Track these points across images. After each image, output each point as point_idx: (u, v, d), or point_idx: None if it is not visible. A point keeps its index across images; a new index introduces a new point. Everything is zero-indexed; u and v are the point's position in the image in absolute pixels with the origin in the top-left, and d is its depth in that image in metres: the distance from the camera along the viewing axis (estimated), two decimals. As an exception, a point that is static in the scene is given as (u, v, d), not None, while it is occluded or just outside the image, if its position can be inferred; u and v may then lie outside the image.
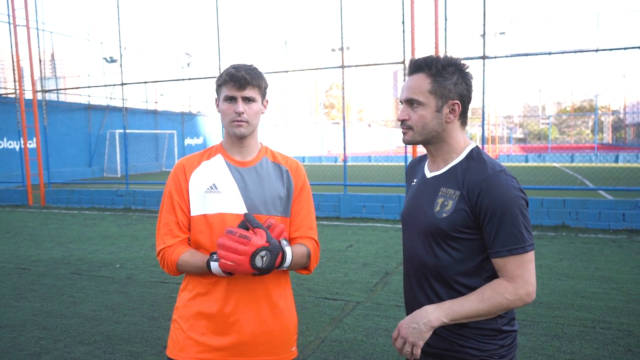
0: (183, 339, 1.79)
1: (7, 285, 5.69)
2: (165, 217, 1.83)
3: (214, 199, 1.78)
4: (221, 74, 1.81)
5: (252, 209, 1.78)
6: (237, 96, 1.76)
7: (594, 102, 37.61)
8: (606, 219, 8.59)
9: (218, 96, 1.84)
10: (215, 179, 1.81)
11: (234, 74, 1.75)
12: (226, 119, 1.78)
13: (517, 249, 1.47)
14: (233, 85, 1.76)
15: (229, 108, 1.77)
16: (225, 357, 1.77)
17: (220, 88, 1.81)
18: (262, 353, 1.80)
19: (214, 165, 1.84)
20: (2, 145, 19.25)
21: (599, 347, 3.79)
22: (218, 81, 1.81)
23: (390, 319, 4.43)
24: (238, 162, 1.84)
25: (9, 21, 13.32)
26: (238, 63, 1.82)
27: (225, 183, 1.80)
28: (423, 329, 1.48)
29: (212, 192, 1.79)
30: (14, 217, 11.31)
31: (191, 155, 1.90)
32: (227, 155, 1.86)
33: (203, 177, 1.81)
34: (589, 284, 5.35)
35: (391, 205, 10.02)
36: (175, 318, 1.85)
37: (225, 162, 1.84)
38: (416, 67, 1.60)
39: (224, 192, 1.78)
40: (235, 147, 1.85)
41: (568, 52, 9.56)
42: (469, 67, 1.61)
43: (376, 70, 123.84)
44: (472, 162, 1.58)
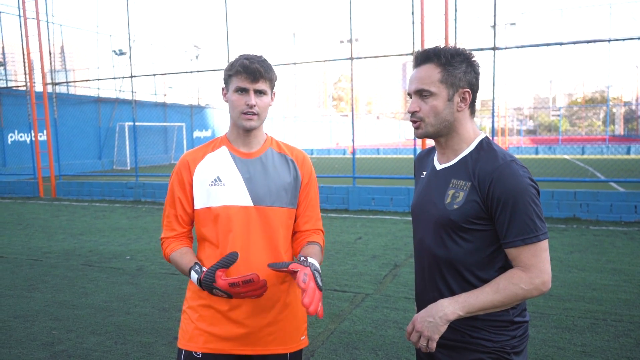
0: (192, 329, 1.79)
1: (19, 277, 5.76)
2: (167, 209, 1.87)
3: (218, 192, 1.77)
4: (232, 63, 1.76)
5: (257, 201, 1.77)
6: (249, 88, 1.73)
7: (606, 93, 37.21)
8: (618, 211, 8.51)
9: (227, 86, 1.80)
10: (219, 171, 1.79)
11: (247, 66, 1.72)
12: (236, 111, 1.75)
13: (531, 238, 1.46)
14: (246, 77, 1.72)
15: (239, 99, 1.74)
16: (235, 347, 1.78)
17: (230, 78, 1.77)
18: (271, 343, 1.80)
19: (218, 157, 1.82)
20: (14, 138, 19.42)
21: (610, 339, 3.76)
22: (229, 71, 1.76)
23: (400, 311, 4.43)
24: (243, 154, 1.82)
25: (19, 14, 13.38)
26: (248, 54, 1.79)
27: (229, 175, 1.78)
28: (439, 323, 1.48)
29: (216, 184, 1.77)
30: (25, 209, 11.43)
31: (196, 149, 1.88)
32: (232, 146, 1.84)
33: (207, 170, 1.80)
34: (600, 276, 5.31)
35: (400, 198, 10.00)
36: (185, 309, 1.86)
37: (230, 153, 1.82)
38: (424, 57, 1.58)
39: (228, 184, 1.77)
40: (240, 138, 1.83)
41: (580, 43, 9.44)
42: (476, 57, 1.60)
43: (385, 62, 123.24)
44: (482, 152, 1.56)
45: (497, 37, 9.43)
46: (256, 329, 1.78)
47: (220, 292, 1.59)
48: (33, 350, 3.76)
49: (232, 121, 1.82)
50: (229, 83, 1.78)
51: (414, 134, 1.65)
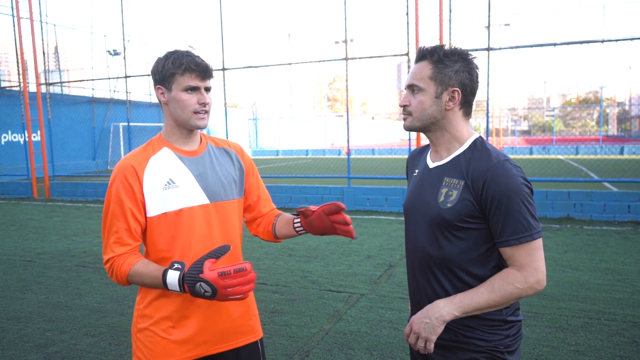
0: (164, 344, 1.71)
1: (13, 278, 5.72)
2: (113, 224, 1.68)
3: (173, 195, 1.69)
4: (176, 61, 1.66)
5: (213, 197, 1.76)
6: (200, 86, 1.68)
7: (599, 93, 37.40)
8: (611, 211, 8.56)
9: (167, 84, 1.69)
10: (170, 173, 1.71)
11: (199, 63, 1.67)
12: (187, 110, 1.68)
13: (525, 237, 1.47)
14: (197, 75, 1.67)
15: (190, 99, 1.67)
16: (210, 347, 1.76)
17: (174, 76, 1.67)
18: (243, 334, 1.83)
19: (163, 159, 1.73)
20: (7, 139, 19.30)
21: (603, 338, 3.78)
22: (174, 69, 1.66)
23: (394, 311, 4.44)
24: (187, 153, 1.77)
25: (12, 14, 13.31)
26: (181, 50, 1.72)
27: (181, 176, 1.72)
28: (435, 324, 1.49)
29: (170, 187, 1.69)
30: (19, 209, 11.36)
31: (134, 154, 1.74)
32: (174, 147, 1.76)
33: (156, 173, 1.70)
34: (593, 275, 5.34)
35: (395, 198, 10.01)
36: (146, 327, 1.73)
37: (175, 154, 1.75)
38: (421, 55, 1.62)
39: (182, 185, 1.71)
40: (182, 138, 1.76)
41: (573, 43, 9.48)
42: (475, 58, 1.61)
43: (380, 62, 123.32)
44: (475, 152, 1.57)
45: (492, 38, 9.46)
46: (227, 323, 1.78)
47: (204, 286, 1.48)
48: (27, 352, 3.74)
49: (173, 121, 1.74)
50: (171, 81, 1.68)
51: (403, 125, 1.68)
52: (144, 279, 1.63)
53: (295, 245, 7.05)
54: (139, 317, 1.76)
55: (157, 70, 1.71)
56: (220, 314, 1.76)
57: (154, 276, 1.61)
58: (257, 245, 7.16)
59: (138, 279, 1.64)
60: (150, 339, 1.73)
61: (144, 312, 1.74)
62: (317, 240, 7.36)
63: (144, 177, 1.69)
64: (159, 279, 1.59)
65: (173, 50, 1.71)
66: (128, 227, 1.67)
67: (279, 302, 4.72)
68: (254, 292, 1.94)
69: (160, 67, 1.69)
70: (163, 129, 1.79)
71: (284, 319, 4.30)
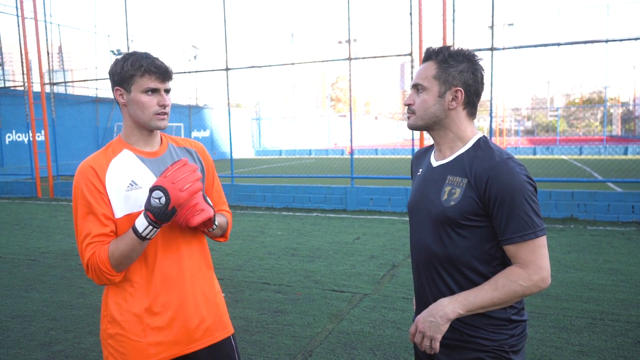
0: (137, 346, 1.69)
1: (17, 277, 5.75)
2: (85, 227, 1.65)
3: (137, 196, 1.68)
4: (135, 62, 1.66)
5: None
6: (160, 88, 1.69)
7: (603, 93, 37.27)
8: (615, 211, 8.53)
9: (126, 85, 1.69)
10: (132, 175, 1.70)
11: (159, 65, 1.67)
12: (147, 112, 1.68)
13: (529, 235, 1.47)
14: (157, 77, 1.67)
15: (151, 100, 1.68)
16: (185, 346, 1.75)
17: (133, 78, 1.66)
18: (216, 330, 1.83)
19: (125, 161, 1.72)
20: (11, 138, 19.38)
21: (607, 339, 3.77)
22: (134, 71, 1.66)
23: (398, 311, 4.43)
24: (148, 154, 1.76)
25: (17, 14, 13.36)
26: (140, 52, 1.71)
27: (143, 177, 1.71)
28: (440, 322, 1.50)
29: (133, 189, 1.68)
30: (23, 209, 11.41)
31: (94, 156, 1.72)
32: (135, 148, 1.75)
33: (118, 175, 1.69)
34: (597, 276, 5.33)
35: (398, 198, 10.00)
36: (117, 332, 1.71)
37: (135, 156, 1.74)
38: (427, 55, 1.64)
39: (145, 186, 1.70)
40: (143, 139, 1.76)
41: (577, 43, 9.45)
42: (482, 59, 1.62)
43: (383, 62, 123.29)
44: (479, 150, 1.58)
45: (495, 38, 9.44)
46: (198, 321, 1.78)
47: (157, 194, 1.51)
48: (31, 351, 3.76)
49: (133, 123, 1.73)
50: (131, 83, 1.67)
51: (407, 123, 1.70)
52: (121, 247, 1.61)
53: (298, 245, 7.06)
54: (108, 323, 1.73)
55: (115, 71, 1.70)
56: (189, 313, 1.76)
57: (126, 236, 1.61)
58: (260, 245, 7.17)
59: (117, 251, 1.61)
60: (122, 344, 1.70)
61: (113, 317, 1.72)
62: (320, 240, 7.36)
63: (105, 179, 1.67)
64: (131, 233, 1.59)
65: (132, 52, 1.71)
66: (100, 229, 1.65)
67: (282, 302, 4.72)
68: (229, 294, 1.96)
69: (119, 68, 1.68)
70: (122, 131, 1.78)
71: (287, 319, 4.31)
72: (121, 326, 1.70)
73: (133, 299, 1.71)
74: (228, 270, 5.83)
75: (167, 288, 1.73)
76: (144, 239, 1.59)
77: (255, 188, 11.26)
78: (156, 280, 1.71)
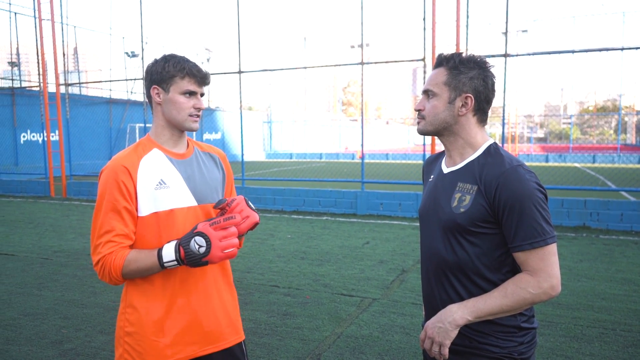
0: (154, 346, 1.71)
1: (30, 275, 5.82)
2: (106, 223, 1.66)
3: (164, 195, 1.72)
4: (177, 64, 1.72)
5: (201, 200, 1.79)
6: (197, 92, 1.75)
7: (618, 101, 36.94)
8: (629, 220, 8.43)
9: (164, 85, 1.73)
10: (161, 174, 1.74)
11: (200, 70, 1.74)
12: (183, 113, 1.73)
13: (539, 242, 1.47)
14: (196, 81, 1.74)
15: (187, 102, 1.73)
16: (200, 348, 1.77)
17: (173, 79, 1.72)
18: (230, 335, 1.84)
19: (154, 160, 1.76)
20: (26, 138, 19.63)
21: (618, 349, 3.73)
22: (176, 72, 1.71)
23: (407, 316, 4.42)
24: (177, 155, 1.80)
25: (34, 15, 13.56)
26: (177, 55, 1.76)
27: (172, 177, 1.75)
28: (449, 328, 1.50)
29: (161, 187, 1.72)
30: (36, 208, 11.54)
31: (125, 154, 1.74)
32: (164, 148, 1.79)
33: (148, 174, 1.72)
34: (609, 285, 5.27)
35: (408, 203, 9.98)
36: (135, 331, 1.72)
37: (165, 156, 1.78)
38: (438, 61, 1.65)
39: (173, 186, 1.74)
40: (173, 140, 1.80)
41: (592, 51, 9.39)
42: (493, 67, 1.62)
43: (395, 67, 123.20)
44: (489, 157, 1.59)
45: (509, 44, 9.41)
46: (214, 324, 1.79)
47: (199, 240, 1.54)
48: (42, 348, 3.80)
49: (165, 122, 1.78)
50: (169, 83, 1.72)
51: (417, 128, 1.72)
52: (139, 263, 1.62)
53: (307, 249, 7.06)
54: (126, 321, 1.75)
55: (155, 70, 1.74)
56: (207, 315, 1.78)
57: (149, 255, 1.62)
58: (270, 248, 7.19)
59: (134, 265, 1.62)
60: (139, 342, 1.72)
61: (132, 316, 1.73)
62: (330, 244, 7.37)
63: (137, 177, 1.70)
64: (154, 256, 1.61)
65: (171, 54, 1.76)
66: (122, 227, 1.67)
67: (291, 305, 4.73)
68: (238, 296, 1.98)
69: (160, 68, 1.72)
70: (152, 130, 1.82)
71: (296, 322, 4.31)
72: (139, 325, 1.72)
73: (152, 299, 1.73)
74: (237, 273, 5.85)
75: (186, 290, 1.75)
76: (164, 268, 1.63)
77: (265, 191, 11.30)
78: (175, 282, 1.74)
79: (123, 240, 1.67)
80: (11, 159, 19.00)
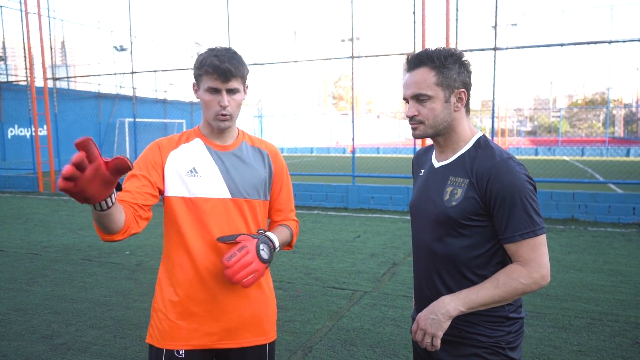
0: (173, 327, 1.75)
1: (19, 270, 5.78)
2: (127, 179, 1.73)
3: (194, 183, 1.74)
4: (201, 61, 1.69)
5: (234, 193, 1.76)
6: (221, 88, 1.68)
7: (606, 95, 37.23)
8: (616, 213, 8.54)
9: (198, 83, 1.74)
10: (195, 162, 1.76)
11: (217, 66, 1.65)
12: (210, 111, 1.72)
13: (529, 233, 1.49)
14: (217, 78, 1.67)
15: (212, 100, 1.70)
16: (216, 341, 1.77)
17: (200, 77, 1.71)
18: (252, 335, 1.82)
19: (193, 148, 1.78)
20: (14, 132, 19.43)
21: (605, 339, 3.79)
22: (199, 69, 1.69)
23: (398, 309, 4.45)
24: (218, 147, 1.80)
25: (20, 9, 13.38)
26: (217, 48, 1.71)
27: (206, 167, 1.76)
28: (442, 319, 1.51)
29: (192, 175, 1.74)
30: (25, 203, 11.44)
31: (168, 137, 1.82)
32: (207, 139, 1.80)
33: (182, 159, 1.76)
34: (597, 277, 5.34)
35: (399, 197, 10.02)
36: (159, 307, 1.79)
37: (205, 146, 1.79)
38: (418, 61, 1.60)
39: (205, 176, 1.74)
40: (214, 133, 1.80)
41: (580, 44, 9.45)
42: (467, 57, 1.62)
43: (385, 61, 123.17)
44: (479, 150, 1.60)
45: (498, 38, 9.44)
46: (237, 322, 1.78)
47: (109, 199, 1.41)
48: (32, 343, 3.79)
49: (204, 117, 1.80)
50: (199, 81, 1.72)
51: (412, 134, 1.67)
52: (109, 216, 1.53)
53: (299, 243, 7.08)
54: (156, 296, 1.82)
55: (193, 67, 1.75)
56: (229, 310, 1.76)
57: None
58: (261, 241, 7.18)
59: None
60: (161, 321, 1.77)
61: (161, 293, 1.80)
62: (321, 238, 7.38)
63: (168, 157, 1.76)
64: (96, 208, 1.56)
65: (211, 48, 1.72)
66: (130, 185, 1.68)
67: (282, 299, 4.74)
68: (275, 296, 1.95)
69: (194, 65, 1.73)
70: (201, 122, 1.85)
71: (287, 315, 4.33)
72: (164, 304, 1.78)
73: (178, 283, 1.76)
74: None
75: (212, 282, 1.75)
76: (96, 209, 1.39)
77: (256, 185, 11.26)
78: (202, 273, 1.74)
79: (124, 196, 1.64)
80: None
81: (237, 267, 1.58)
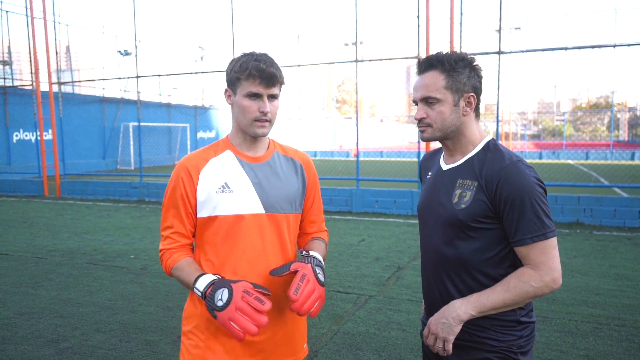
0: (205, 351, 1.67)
1: (24, 274, 5.79)
2: (167, 218, 1.70)
3: (227, 199, 1.64)
4: (242, 65, 1.61)
5: (269, 208, 1.68)
6: (263, 94, 1.61)
7: (610, 98, 37.16)
8: (621, 217, 8.50)
9: (233, 88, 1.65)
10: (226, 177, 1.66)
11: (263, 70, 1.58)
12: (248, 117, 1.62)
13: (539, 236, 1.49)
14: (260, 82, 1.59)
15: (252, 106, 1.61)
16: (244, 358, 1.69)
17: (239, 81, 1.61)
18: (283, 354, 1.74)
19: (223, 162, 1.69)
20: (19, 137, 19.51)
21: (612, 343, 3.77)
22: (239, 73, 1.61)
23: (403, 313, 4.44)
24: (250, 158, 1.70)
25: (26, 14, 13.46)
26: (256, 53, 1.65)
27: (238, 181, 1.66)
28: (452, 324, 1.51)
29: (224, 191, 1.65)
30: (30, 207, 11.48)
31: (196, 153, 1.72)
32: (238, 150, 1.71)
33: (213, 175, 1.66)
34: (603, 281, 5.31)
35: (403, 201, 10.01)
36: (190, 330, 1.70)
37: (236, 158, 1.70)
38: (428, 64, 1.61)
39: (237, 191, 1.65)
40: (246, 143, 1.71)
41: (585, 48, 9.43)
42: (477, 61, 1.63)
43: (389, 65, 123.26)
44: (489, 153, 1.59)
45: (502, 42, 9.44)
46: (269, 342, 1.70)
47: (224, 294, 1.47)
48: (38, 347, 3.79)
49: (237, 125, 1.70)
50: (237, 85, 1.63)
51: (420, 137, 1.68)
52: (182, 275, 1.62)
53: (303, 246, 7.06)
54: (185, 319, 1.75)
55: (227, 72, 1.67)
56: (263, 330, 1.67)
57: (190, 274, 1.60)
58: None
59: (179, 273, 1.64)
60: (193, 345, 1.69)
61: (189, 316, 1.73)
62: (325, 242, 7.37)
63: (199, 179, 1.67)
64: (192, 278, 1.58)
65: (248, 53, 1.65)
66: (178, 227, 1.69)
67: (287, 302, 4.73)
68: None
69: (229, 69, 1.65)
70: (230, 132, 1.76)
71: (292, 319, 4.32)
72: (193, 326, 1.71)
73: None
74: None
75: None
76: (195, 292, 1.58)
77: (260, 189, 11.27)
78: None
79: (180, 238, 1.69)
80: (4, 158, 18.90)
81: (303, 299, 1.51)
